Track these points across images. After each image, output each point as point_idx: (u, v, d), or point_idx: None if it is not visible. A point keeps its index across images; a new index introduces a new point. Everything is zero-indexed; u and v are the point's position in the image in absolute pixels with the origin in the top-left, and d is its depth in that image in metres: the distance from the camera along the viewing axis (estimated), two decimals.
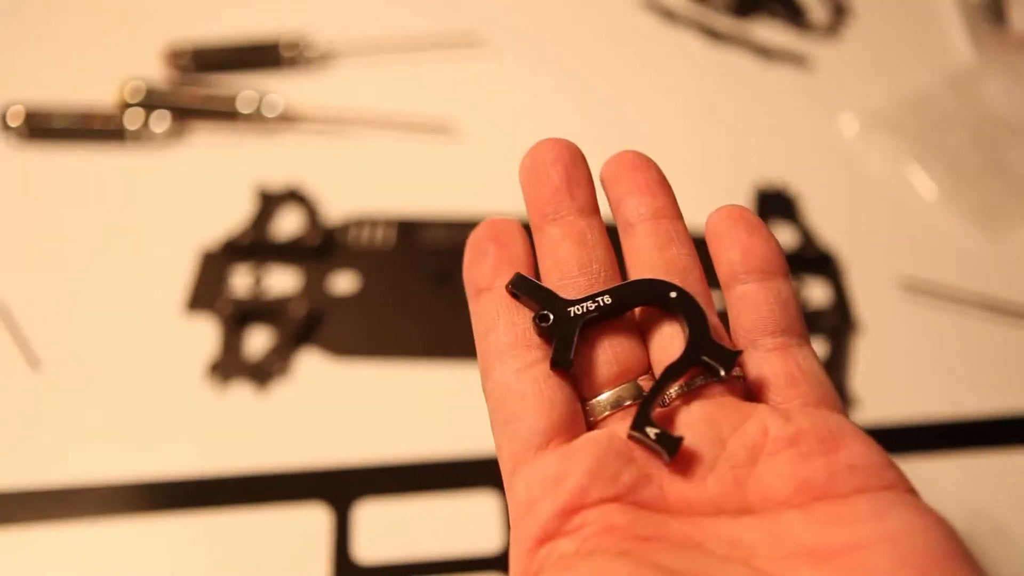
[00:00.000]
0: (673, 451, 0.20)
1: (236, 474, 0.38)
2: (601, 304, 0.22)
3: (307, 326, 0.42)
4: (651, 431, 0.20)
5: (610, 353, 0.22)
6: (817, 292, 0.45)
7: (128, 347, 0.42)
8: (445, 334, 0.43)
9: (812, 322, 0.44)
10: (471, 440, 0.39)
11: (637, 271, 0.23)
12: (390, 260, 0.45)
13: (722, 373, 0.21)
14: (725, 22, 0.59)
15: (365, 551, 0.36)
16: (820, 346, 0.43)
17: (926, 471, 0.39)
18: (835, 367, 0.42)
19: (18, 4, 0.58)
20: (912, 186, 0.50)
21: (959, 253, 0.47)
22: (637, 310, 0.23)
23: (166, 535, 0.36)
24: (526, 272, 0.22)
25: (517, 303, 0.22)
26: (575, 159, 0.24)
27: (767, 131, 0.53)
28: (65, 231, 0.47)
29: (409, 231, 0.46)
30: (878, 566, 0.17)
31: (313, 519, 0.37)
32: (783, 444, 0.19)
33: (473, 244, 0.23)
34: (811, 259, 0.46)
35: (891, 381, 0.42)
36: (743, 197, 0.49)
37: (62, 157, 0.50)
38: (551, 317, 0.21)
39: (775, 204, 0.49)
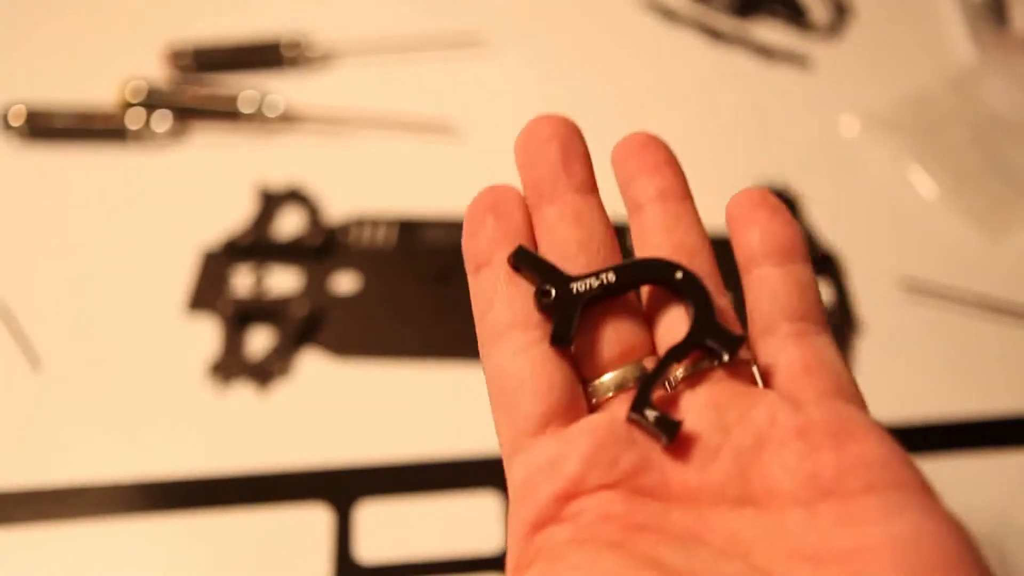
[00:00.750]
0: (672, 435, 0.19)
1: (236, 474, 0.38)
2: (604, 281, 0.21)
3: (308, 326, 0.42)
4: (650, 414, 0.19)
5: (613, 333, 0.21)
6: None
7: (129, 347, 0.42)
8: (445, 334, 0.43)
9: None
10: (471, 440, 0.39)
11: (644, 252, 0.22)
12: (391, 260, 0.45)
13: (725, 357, 0.20)
14: (725, 22, 0.59)
15: (365, 551, 0.36)
16: None
17: (926, 472, 0.39)
18: None
19: (19, 4, 0.58)
20: (912, 186, 0.50)
21: (959, 253, 0.47)
22: (643, 291, 0.22)
23: (166, 535, 0.36)
24: (527, 244, 0.22)
25: (517, 278, 0.21)
26: (572, 135, 0.23)
27: (767, 131, 0.53)
28: (66, 231, 0.47)
29: (410, 231, 0.46)
30: (881, 574, 0.16)
31: (313, 519, 0.37)
32: (792, 434, 0.18)
33: (472, 215, 0.23)
34: (812, 259, 0.46)
35: (891, 381, 0.42)
36: None
37: (63, 157, 0.50)
38: (553, 293, 0.21)
39: None
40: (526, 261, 0.21)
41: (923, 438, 0.40)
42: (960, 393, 0.42)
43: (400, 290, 0.44)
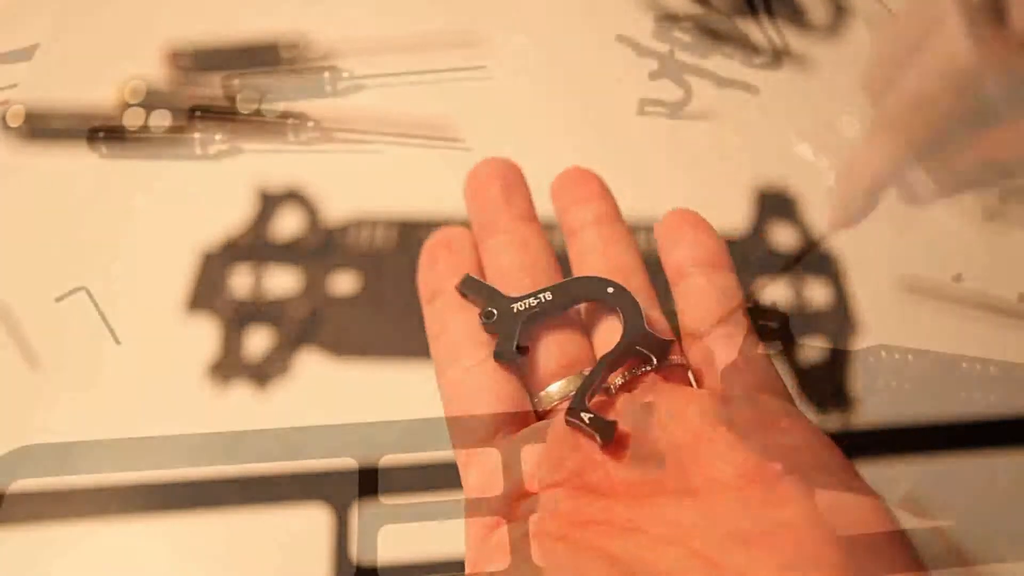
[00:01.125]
0: (607, 435, 0.20)
1: (235, 474, 0.38)
2: (543, 300, 0.23)
3: (307, 326, 0.42)
4: (586, 416, 0.21)
5: (555, 347, 0.23)
6: (817, 293, 0.45)
7: (128, 347, 0.42)
8: None
9: (812, 323, 0.44)
10: None
11: (582, 273, 0.24)
12: (391, 261, 0.45)
13: (655, 361, 0.22)
14: (725, 22, 0.59)
15: (365, 551, 0.36)
16: (820, 347, 0.43)
17: (926, 472, 0.39)
18: (835, 367, 0.42)
19: (18, 4, 0.58)
20: (911, 186, 0.50)
21: (959, 253, 0.47)
22: (583, 307, 0.24)
23: (166, 535, 0.36)
24: (474, 273, 0.24)
25: (467, 305, 0.24)
26: (512, 174, 0.26)
27: (767, 131, 0.53)
28: (65, 231, 0.47)
29: (410, 232, 0.46)
30: (803, 546, 0.17)
31: (313, 519, 0.37)
32: (722, 427, 0.20)
33: (426, 252, 0.25)
34: (811, 259, 0.46)
35: (891, 381, 0.42)
36: (743, 197, 0.49)
37: (63, 157, 0.50)
38: (495, 313, 0.23)
39: (775, 204, 0.49)
40: (472, 287, 0.23)
41: (923, 438, 0.40)
42: (960, 393, 0.42)
43: (400, 290, 0.44)
